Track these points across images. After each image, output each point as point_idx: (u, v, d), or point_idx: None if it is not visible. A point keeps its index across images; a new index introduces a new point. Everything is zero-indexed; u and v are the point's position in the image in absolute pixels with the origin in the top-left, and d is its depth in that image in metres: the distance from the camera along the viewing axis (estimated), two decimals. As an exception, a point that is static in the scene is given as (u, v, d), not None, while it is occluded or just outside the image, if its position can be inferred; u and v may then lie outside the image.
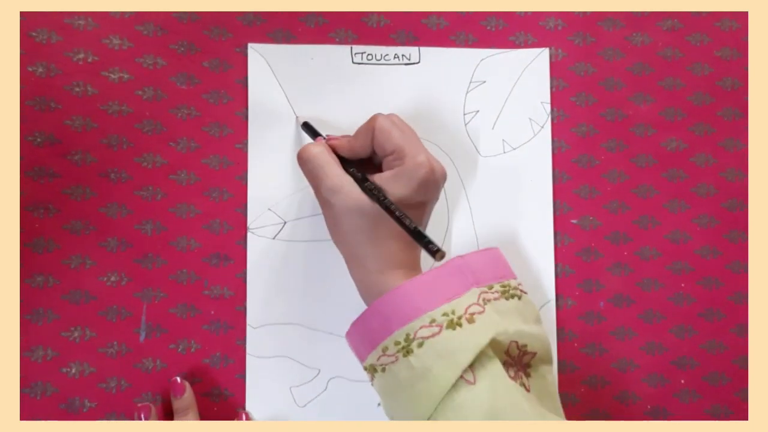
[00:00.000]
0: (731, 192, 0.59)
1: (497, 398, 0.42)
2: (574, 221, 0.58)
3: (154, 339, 0.53)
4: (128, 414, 0.52)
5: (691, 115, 0.59)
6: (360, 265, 0.48)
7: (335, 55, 0.55)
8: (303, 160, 0.49)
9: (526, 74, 0.58)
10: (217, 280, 0.53)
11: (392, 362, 0.44)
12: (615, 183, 0.58)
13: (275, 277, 0.54)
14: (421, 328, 0.43)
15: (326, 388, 0.54)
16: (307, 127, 0.54)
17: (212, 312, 0.53)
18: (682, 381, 0.58)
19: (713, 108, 0.59)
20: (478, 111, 0.57)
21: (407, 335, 0.43)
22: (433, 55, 0.57)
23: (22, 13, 0.51)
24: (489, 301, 0.46)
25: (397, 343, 0.43)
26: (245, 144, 0.54)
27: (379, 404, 0.54)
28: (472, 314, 0.44)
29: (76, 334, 0.52)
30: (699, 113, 0.59)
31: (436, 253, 0.43)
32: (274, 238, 0.54)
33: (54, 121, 0.52)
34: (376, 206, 0.46)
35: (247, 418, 0.53)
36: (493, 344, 0.44)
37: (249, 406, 0.53)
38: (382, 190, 0.46)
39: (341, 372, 0.54)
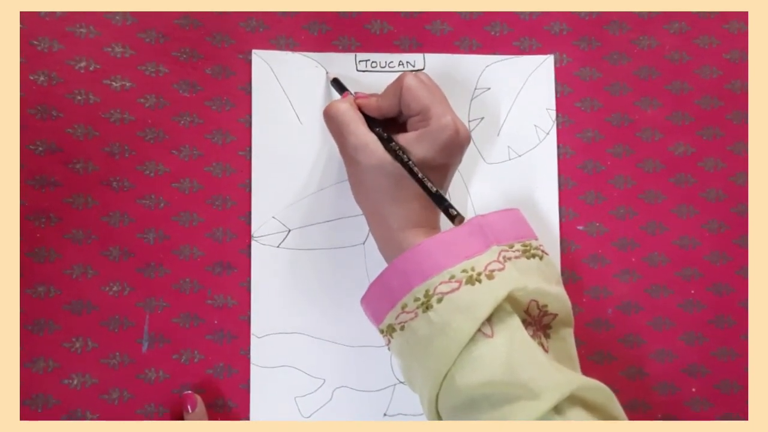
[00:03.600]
0: (741, 196, 0.58)
1: (514, 351, 0.42)
2: (580, 228, 0.57)
3: (157, 349, 0.52)
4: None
5: (699, 119, 0.58)
6: (381, 223, 0.48)
7: (340, 62, 0.55)
8: (329, 117, 0.50)
9: (530, 81, 0.57)
10: (221, 289, 0.53)
11: (411, 319, 0.44)
12: (622, 188, 0.57)
13: (280, 286, 0.53)
14: (440, 284, 0.43)
15: (331, 397, 0.54)
16: (337, 84, 0.53)
17: (216, 321, 0.53)
18: (693, 389, 0.57)
19: (722, 111, 0.59)
20: (483, 118, 0.57)
21: (427, 291, 0.43)
22: (437, 62, 0.56)
23: (23, 21, 0.51)
24: (509, 259, 0.45)
25: (416, 300, 0.43)
26: (248, 151, 0.54)
27: (385, 414, 0.54)
28: (492, 271, 0.44)
29: (77, 345, 0.51)
30: (707, 117, 0.58)
31: (455, 217, 0.44)
32: (278, 247, 0.54)
33: (55, 129, 0.51)
34: (399, 166, 0.46)
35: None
36: (513, 302, 0.44)
37: (253, 416, 0.52)
38: (406, 151, 0.46)
39: (346, 382, 0.54)
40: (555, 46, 0.57)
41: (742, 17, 0.59)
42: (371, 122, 0.49)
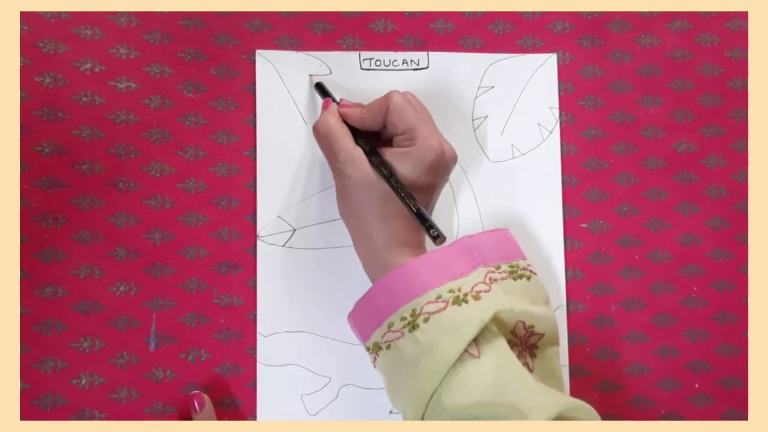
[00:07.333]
0: (743, 194, 0.58)
1: (502, 372, 0.42)
2: (584, 225, 0.57)
3: (164, 349, 0.52)
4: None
5: (701, 117, 0.59)
6: (366, 241, 0.48)
7: (343, 61, 0.55)
8: (318, 133, 0.50)
9: (534, 79, 0.57)
10: (227, 288, 0.53)
11: (398, 338, 0.44)
12: (625, 186, 0.58)
13: (285, 285, 0.54)
14: (427, 303, 0.43)
15: (337, 395, 0.54)
16: (320, 89, 0.54)
17: (222, 321, 0.53)
18: (696, 385, 0.57)
19: (724, 109, 0.59)
20: (486, 116, 0.57)
21: (413, 310, 0.43)
22: (441, 60, 0.56)
23: (28, 24, 0.51)
24: (496, 280, 0.46)
25: (403, 319, 0.44)
26: (253, 151, 0.54)
27: (391, 412, 0.54)
28: (478, 292, 0.44)
29: (85, 345, 0.51)
30: (709, 115, 0.59)
31: (436, 238, 0.43)
32: (283, 246, 0.54)
33: (61, 131, 0.52)
34: (385, 183, 0.46)
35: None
36: (499, 323, 0.44)
37: (260, 414, 0.53)
38: (390, 167, 0.46)
39: (352, 380, 0.54)
40: (558, 45, 0.58)
41: (742, 15, 0.59)
42: (356, 134, 0.49)
